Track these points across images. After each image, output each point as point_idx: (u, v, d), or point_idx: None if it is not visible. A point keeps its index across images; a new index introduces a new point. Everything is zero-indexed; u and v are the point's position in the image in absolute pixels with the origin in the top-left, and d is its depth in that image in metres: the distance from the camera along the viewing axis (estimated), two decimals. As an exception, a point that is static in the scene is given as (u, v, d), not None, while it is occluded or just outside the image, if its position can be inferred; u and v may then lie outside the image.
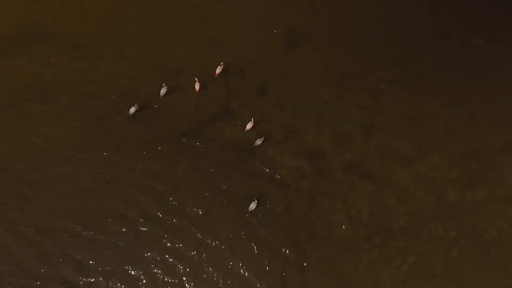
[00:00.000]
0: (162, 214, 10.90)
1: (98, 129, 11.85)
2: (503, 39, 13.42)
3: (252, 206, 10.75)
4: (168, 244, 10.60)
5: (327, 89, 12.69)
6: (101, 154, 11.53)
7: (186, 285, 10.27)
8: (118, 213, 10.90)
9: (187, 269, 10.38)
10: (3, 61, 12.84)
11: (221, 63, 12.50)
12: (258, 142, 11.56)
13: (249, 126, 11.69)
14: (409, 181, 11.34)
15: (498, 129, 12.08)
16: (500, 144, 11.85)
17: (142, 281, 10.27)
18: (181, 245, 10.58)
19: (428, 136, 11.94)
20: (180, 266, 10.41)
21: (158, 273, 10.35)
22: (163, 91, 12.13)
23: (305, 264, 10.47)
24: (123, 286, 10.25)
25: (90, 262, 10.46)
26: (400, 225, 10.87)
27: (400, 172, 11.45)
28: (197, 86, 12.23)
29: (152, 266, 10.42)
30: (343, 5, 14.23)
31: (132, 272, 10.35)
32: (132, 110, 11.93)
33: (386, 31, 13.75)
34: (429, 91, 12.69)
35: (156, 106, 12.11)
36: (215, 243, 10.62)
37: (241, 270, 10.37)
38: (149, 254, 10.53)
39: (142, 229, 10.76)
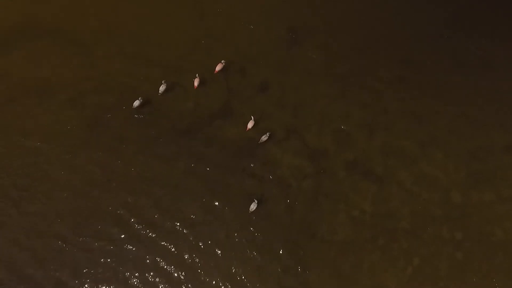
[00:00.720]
0: (159, 216, 10.59)
1: (95, 128, 11.59)
2: (507, 38, 13.27)
3: (253, 207, 10.50)
4: (165, 247, 10.29)
5: (328, 88, 12.52)
6: (98, 153, 11.24)
7: None
8: (113, 216, 10.52)
9: (185, 272, 10.09)
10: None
11: (222, 61, 12.30)
12: (264, 138, 11.33)
13: (250, 125, 11.47)
14: (412, 181, 11.11)
15: (502, 128, 11.91)
16: (504, 144, 11.66)
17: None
18: (179, 248, 10.29)
19: (432, 135, 11.74)
20: (178, 269, 10.11)
21: (155, 277, 10.07)
22: (162, 88, 11.92)
23: (306, 266, 10.20)
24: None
25: (85, 270, 10.01)
26: (404, 226, 10.62)
27: (404, 172, 11.23)
28: (196, 82, 12.02)
29: (149, 271, 10.11)
30: (345, 3, 14.10)
31: (128, 279, 10.04)
32: (136, 103, 11.68)
33: (388, 29, 13.63)
34: (432, 89, 12.53)
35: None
36: (214, 244, 10.35)
37: (241, 272, 10.10)
38: (145, 258, 10.18)
39: (138, 233, 10.43)
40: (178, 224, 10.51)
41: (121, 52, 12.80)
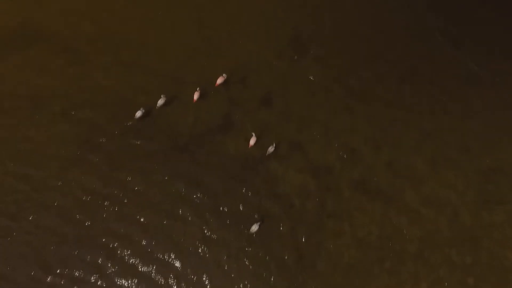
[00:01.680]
0: (157, 234, 10.18)
1: (89, 142, 11.07)
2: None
3: (254, 228, 10.06)
4: (164, 264, 9.87)
5: (333, 100, 12.10)
6: (89, 177, 10.64)
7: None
8: (102, 246, 9.99)
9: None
10: (-10, 65, 12.19)
11: (223, 75, 11.83)
12: (271, 149, 10.97)
13: (252, 141, 11.03)
14: (420, 202, 10.69)
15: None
16: (517, 162, 11.25)
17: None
18: (178, 267, 9.87)
19: (442, 152, 11.31)
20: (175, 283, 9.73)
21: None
22: (160, 102, 11.44)
23: (310, 290, 9.81)
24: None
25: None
26: (412, 249, 10.19)
27: (412, 192, 10.80)
28: (195, 96, 11.54)
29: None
30: (348, 13, 13.69)
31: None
32: (139, 114, 11.27)
33: (396, 41, 13.24)
34: (441, 104, 12.13)
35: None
36: (215, 266, 9.92)
37: (242, 297, 9.70)
38: (144, 273, 9.78)
39: (138, 247, 10.03)
40: (176, 244, 10.08)
41: (118, 61, 12.34)
